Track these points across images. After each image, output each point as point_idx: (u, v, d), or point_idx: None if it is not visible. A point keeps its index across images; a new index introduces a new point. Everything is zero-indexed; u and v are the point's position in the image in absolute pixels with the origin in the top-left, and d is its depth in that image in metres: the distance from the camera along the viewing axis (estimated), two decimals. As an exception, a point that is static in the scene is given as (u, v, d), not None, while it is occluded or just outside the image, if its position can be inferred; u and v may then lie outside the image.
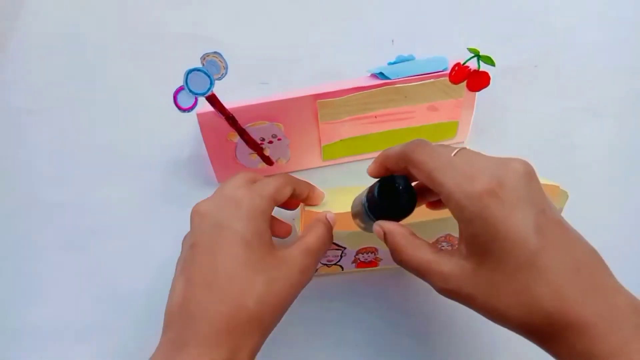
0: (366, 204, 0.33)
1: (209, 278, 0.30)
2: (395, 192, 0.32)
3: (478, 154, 0.30)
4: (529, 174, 0.28)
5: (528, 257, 0.26)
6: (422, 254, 0.30)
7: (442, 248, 0.38)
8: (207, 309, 0.29)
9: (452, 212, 0.28)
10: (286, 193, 0.35)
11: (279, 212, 0.40)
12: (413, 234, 0.31)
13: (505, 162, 0.28)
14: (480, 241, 0.27)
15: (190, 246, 0.32)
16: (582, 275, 0.26)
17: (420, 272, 0.30)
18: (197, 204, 0.33)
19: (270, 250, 0.32)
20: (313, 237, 0.34)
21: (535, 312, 0.25)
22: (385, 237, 0.31)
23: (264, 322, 0.30)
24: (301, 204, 0.40)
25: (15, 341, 0.43)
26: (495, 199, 0.27)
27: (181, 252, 0.34)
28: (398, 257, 0.31)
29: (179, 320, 0.30)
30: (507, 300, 0.26)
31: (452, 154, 0.29)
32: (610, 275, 0.27)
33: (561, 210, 0.40)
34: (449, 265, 0.28)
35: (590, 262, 0.27)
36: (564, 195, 0.39)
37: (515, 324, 0.27)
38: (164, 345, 0.30)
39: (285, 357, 0.42)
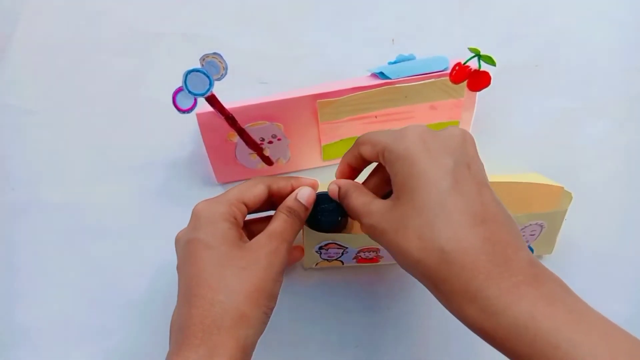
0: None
1: (186, 292, 0.32)
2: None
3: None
4: (465, 137, 0.30)
5: (437, 196, 0.27)
6: (363, 198, 0.32)
7: None
8: (184, 318, 0.31)
9: (386, 164, 0.30)
10: (257, 192, 0.36)
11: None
12: (363, 187, 0.34)
13: (446, 127, 0.30)
14: (400, 179, 0.29)
15: (177, 271, 0.34)
16: (485, 227, 0.26)
17: (356, 212, 0.32)
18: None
19: (236, 245, 0.33)
20: (277, 222, 0.35)
21: (433, 249, 0.26)
22: (339, 191, 0.34)
23: (244, 312, 0.31)
24: None
25: (15, 341, 0.43)
26: (422, 144, 0.28)
27: None
28: (345, 202, 0.33)
29: (171, 338, 0.32)
30: (410, 235, 0.27)
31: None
32: (515, 235, 0.27)
33: (565, 211, 0.40)
34: (377, 204, 0.31)
35: (498, 220, 0.27)
36: (568, 197, 0.39)
37: (413, 261, 0.27)
38: None
39: (287, 357, 0.42)
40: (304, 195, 0.36)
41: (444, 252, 0.26)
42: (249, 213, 0.37)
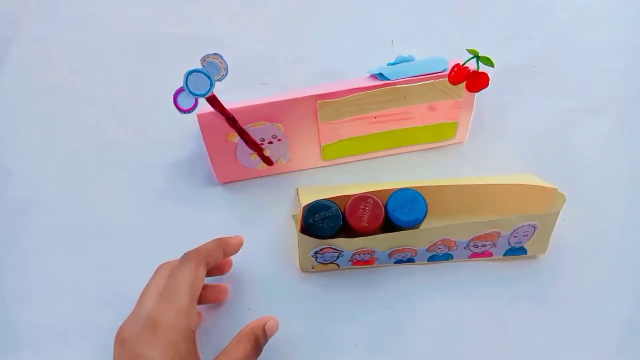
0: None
1: None
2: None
3: None
4: None
5: None
6: None
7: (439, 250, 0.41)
8: None
9: None
10: (202, 279, 0.35)
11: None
12: None
13: None
14: None
15: None
16: None
17: None
18: (120, 327, 0.33)
19: None
20: (240, 350, 0.33)
21: None
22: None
23: None
24: (297, 189, 0.39)
25: (15, 341, 0.43)
26: None
27: None
28: None
29: None
30: None
31: None
32: None
33: (558, 212, 0.40)
34: None
35: None
36: (562, 198, 0.39)
37: None
38: None
39: (287, 357, 0.42)
40: (273, 328, 0.36)
41: None
42: None
